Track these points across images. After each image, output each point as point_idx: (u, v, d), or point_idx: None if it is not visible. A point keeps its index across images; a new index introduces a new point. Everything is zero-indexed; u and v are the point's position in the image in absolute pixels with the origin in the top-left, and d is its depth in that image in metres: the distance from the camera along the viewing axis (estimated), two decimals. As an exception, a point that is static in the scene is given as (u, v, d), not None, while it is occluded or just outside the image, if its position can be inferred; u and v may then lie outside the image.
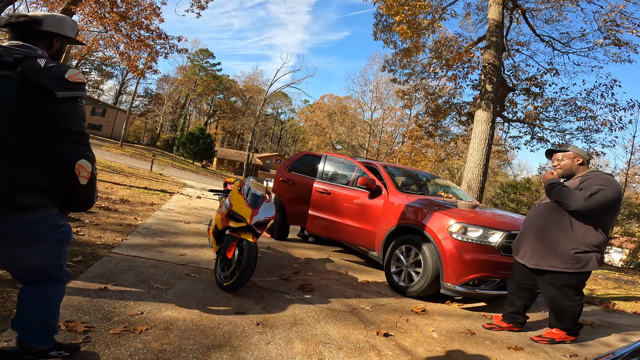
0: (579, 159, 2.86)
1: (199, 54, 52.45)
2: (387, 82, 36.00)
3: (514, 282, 3.09)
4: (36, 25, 1.45)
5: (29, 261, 1.43)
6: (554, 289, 2.80)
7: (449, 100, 12.59)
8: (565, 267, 2.70)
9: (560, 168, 2.92)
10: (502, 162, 31.45)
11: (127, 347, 1.90)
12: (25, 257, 1.41)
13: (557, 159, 2.95)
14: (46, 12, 1.58)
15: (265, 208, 3.14)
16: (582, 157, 2.87)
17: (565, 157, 2.91)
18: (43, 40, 1.49)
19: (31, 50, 1.41)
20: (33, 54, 1.38)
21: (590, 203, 2.55)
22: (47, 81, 1.31)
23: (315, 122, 49.97)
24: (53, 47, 1.53)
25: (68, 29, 1.55)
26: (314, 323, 2.67)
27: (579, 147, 3.02)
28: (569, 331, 2.92)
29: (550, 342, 2.92)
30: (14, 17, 1.42)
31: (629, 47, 9.12)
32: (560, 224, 2.73)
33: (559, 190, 2.68)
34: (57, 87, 1.31)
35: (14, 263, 1.44)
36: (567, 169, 2.90)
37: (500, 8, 8.41)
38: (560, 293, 2.79)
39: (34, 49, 1.42)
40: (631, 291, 6.05)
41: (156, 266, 3.28)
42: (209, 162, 47.23)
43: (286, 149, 67.62)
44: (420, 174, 6.09)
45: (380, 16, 11.18)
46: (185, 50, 12.36)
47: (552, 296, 2.83)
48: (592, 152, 10.45)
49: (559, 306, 2.84)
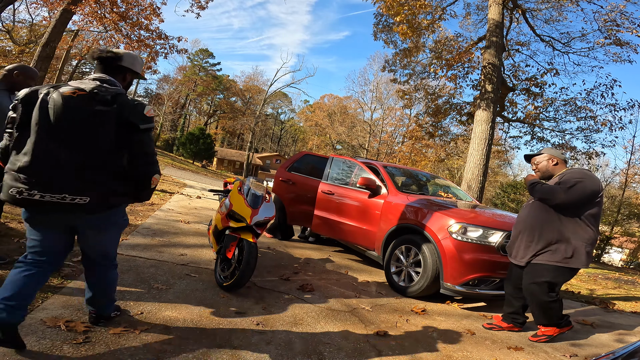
0: (554, 160, 2.97)
1: (199, 54, 52.42)
2: (387, 82, 36.00)
3: (511, 283, 3.10)
4: (118, 60, 1.86)
5: (105, 242, 1.94)
6: (535, 285, 2.81)
7: (449, 100, 12.59)
8: (554, 261, 2.73)
9: (539, 171, 3.04)
10: (502, 162, 31.44)
11: (127, 347, 1.91)
12: (104, 239, 1.93)
13: (534, 162, 3.08)
14: (125, 50, 1.96)
15: (265, 208, 3.14)
16: (556, 158, 2.98)
17: (541, 159, 3.04)
18: (120, 74, 1.90)
19: (117, 86, 1.83)
20: (120, 90, 1.80)
21: (570, 195, 2.65)
22: (135, 117, 1.74)
23: (315, 122, 49.94)
24: (126, 79, 1.95)
25: (138, 66, 1.96)
26: (314, 323, 2.67)
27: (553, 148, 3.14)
28: (560, 325, 2.94)
29: (550, 340, 2.94)
30: (104, 53, 1.84)
31: (629, 47, 9.12)
32: (547, 220, 2.80)
33: (539, 187, 2.81)
34: (140, 121, 1.75)
35: (97, 245, 1.92)
36: (544, 171, 3.01)
37: (500, 8, 8.41)
38: (539, 288, 2.80)
39: (117, 84, 1.84)
40: (631, 291, 6.05)
41: (156, 266, 3.28)
42: (209, 162, 47.23)
43: (286, 149, 67.62)
44: (420, 174, 6.09)
45: (380, 16, 11.18)
46: (185, 50, 12.36)
47: (532, 291, 2.84)
48: (592, 152, 10.45)
49: (540, 302, 2.84)
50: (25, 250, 1.81)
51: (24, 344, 1.71)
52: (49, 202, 1.65)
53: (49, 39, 8.94)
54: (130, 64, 1.91)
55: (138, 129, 1.75)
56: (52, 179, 1.65)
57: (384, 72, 14.10)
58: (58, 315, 2.10)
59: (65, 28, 9.85)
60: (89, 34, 15.26)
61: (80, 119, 1.68)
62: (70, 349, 1.80)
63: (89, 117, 1.68)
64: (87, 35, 16.16)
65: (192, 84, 50.91)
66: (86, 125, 1.69)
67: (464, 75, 11.41)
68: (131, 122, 1.73)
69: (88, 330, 1.99)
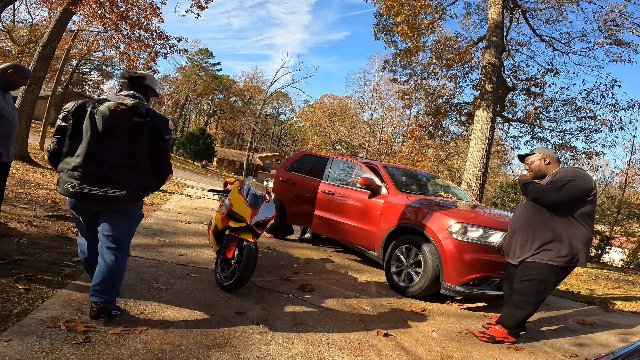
0: (546, 159, 2.96)
1: (199, 54, 52.38)
2: (387, 82, 35.97)
3: (509, 284, 3.09)
4: (142, 80, 2.30)
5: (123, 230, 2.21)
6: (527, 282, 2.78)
7: (449, 100, 12.58)
8: (547, 260, 2.71)
9: (531, 170, 3.03)
10: (502, 162, 31.41)
11: (127, 347, 1.91)
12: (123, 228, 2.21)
13: (527, 162, 3.07)
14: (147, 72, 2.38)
15: (265, 208, 3.14)
16: (548, 157, 2.96)
17: (533, 159, 3.03)
18: (143, 90, 2.31)
19: (144, 101, 2.27)
20: (148, 105, 2.24)
21: (562, 194, 2.65)
22: (162, 128, 2.18)
23: (315, 122, 49.91)
24: (147, 95, 2.36)
25: (155, 84, 2.40)
26: (314, 323, 2.67)
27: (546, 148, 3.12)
28: (511, 330, 2.87)
29: (491, 340, 2.86)
30: (132, 73, 2.28)
31: (629, 47, 9.11)
32: (541, 220, 2.78)
33: (532, 187, 2.81)
34: (165, 132, 2.20)
35: (117, 230, 2.18)
36: (536, 170, 3.00)
37: (500, 8, 8.41)
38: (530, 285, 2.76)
39: (143, 99, 2.26)
40: (631, 291, 6.04)
41: (156, 266, 3.28)
42: (209, 162, 47.22)
43: (286, 149, 67.60)
44: (420, 174, 6.09)
45: (380, 16, 11.18)
46: (185, 50, 12.30)
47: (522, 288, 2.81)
48: (592, 152, 10.44)
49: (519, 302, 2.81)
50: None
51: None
52: (95, 195, 2.04)
53: (49, 39, 8.93)
54: (151, 82, 2.34)
55: (163, 138, 2.20)
56: (99, 175, 2.05)
57: (384, 72, 14.10)
58: (58, 315, 2.10)
59: (65, 28, 9.82)
60: (89, 34, 15.24)
61: (123, 128, 2.08)
62: (70, 349, 1.80)
63: (129, 126, 2.09)
64: (87, 35, 16.13)
65: (192, 84, 50.88)
66: (127, 132, 2.08)
67: (464, 75, 11.40)
68: (160, 132, 2.17)
69: (88, 330, 1.99)
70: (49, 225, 3.95)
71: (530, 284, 2.78)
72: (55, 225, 3.99)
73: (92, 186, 2.03)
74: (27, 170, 7.84)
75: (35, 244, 3.20)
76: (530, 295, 2.79)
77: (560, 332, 3.33)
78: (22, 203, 4.67)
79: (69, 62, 29.74)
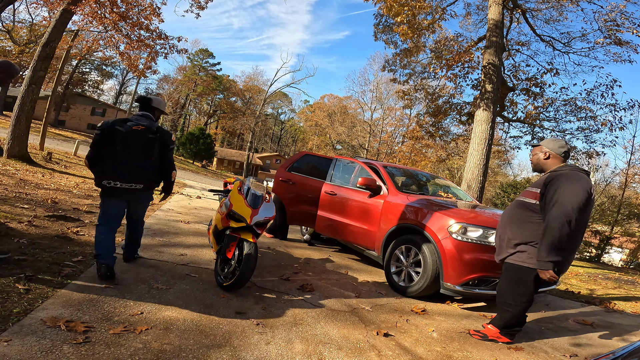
0: (546, 153, 2.77)
1: (199, 54, 52.38)
2: (387, 82, 35.96)
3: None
4: (151, 102, 3.09)
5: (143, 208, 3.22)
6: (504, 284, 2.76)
7: (449, 100, 12.57)
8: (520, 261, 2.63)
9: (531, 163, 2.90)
10: (502, 162, 31.40)
11: (127, 347, 1.90)
12: (143, 207, 3.21)
13: (531, 153, 2.93)
14: (154, 96, 3.15)
15: (265, 208, 3.14)
16: (549, 151, 2.77)
17: (536, 151, 2.87)
18: (152, 111, 3.11)
19: (154, 121, 3.07)
20: (156, 124, 3.05)
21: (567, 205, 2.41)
22: (167, 141, 3.05)
23: (315, 122, 49.91)
24: (155, 115, 3.12)
25: (162, 106, 3.17)
26: (314, 323, 2.67)
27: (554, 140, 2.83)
28: (502, 330, 2.83)
29: (483, 338, 2.84)
30: (143, 96, 3.08)
31: (629, 47, 9.11)
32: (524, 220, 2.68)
33: (551, 243, 2.43)
34: (169, 143, 3.07)
35: (139, 210, 3.18)
36: (534, 164, 2.86)
37: (501, 8, 8.41)
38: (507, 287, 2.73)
39: (153, 119, 3.07)
40: (631, 291, 6.04)
41: (156, 266, 3.28)
42: (209, 162, 47.20)
43: (286, 149, 67.59)
44: (420, 174, 6.09)
45: (380, 16, 11.17)
46: (185, 50, 12.29)
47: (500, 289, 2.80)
48: (592, 152, 10.44)
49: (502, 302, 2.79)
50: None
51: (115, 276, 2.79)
52: (123, 188, 2.87)
53: (49, 39, 8.94)
54: (158, 104, 3.13)
55: (168, 147, 3.07)
56: (126, 174, 2.87)
57: (384, 72, 14.14)
58: (58, 315, 2.10)
59: (65, 28, 9.82)
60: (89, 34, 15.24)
61: (140, 141, 2.90)
62: (70, 349, 1.80)
63: (145, 140, 2.92)
64: (87, 35, 16.14)
65: (192, 84, 50.87)
66: (143, 144, 2.92)
67: (464, 75, 11.38)
68: (166, 143, 3.04)
69: (88, 330, 1.99)
70: (49, 225, 3.95)
71: (507, 285, 2.74)
72: (55, 225, 3.99)
73: (121, 182, 2.84)
74: (27, 170, 7.84)
75: (35, 244, 3.20)
76: (507, 297, 2.75)
77: (560, 332, 3.33)
78: (22, 203, 4.67)
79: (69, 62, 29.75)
